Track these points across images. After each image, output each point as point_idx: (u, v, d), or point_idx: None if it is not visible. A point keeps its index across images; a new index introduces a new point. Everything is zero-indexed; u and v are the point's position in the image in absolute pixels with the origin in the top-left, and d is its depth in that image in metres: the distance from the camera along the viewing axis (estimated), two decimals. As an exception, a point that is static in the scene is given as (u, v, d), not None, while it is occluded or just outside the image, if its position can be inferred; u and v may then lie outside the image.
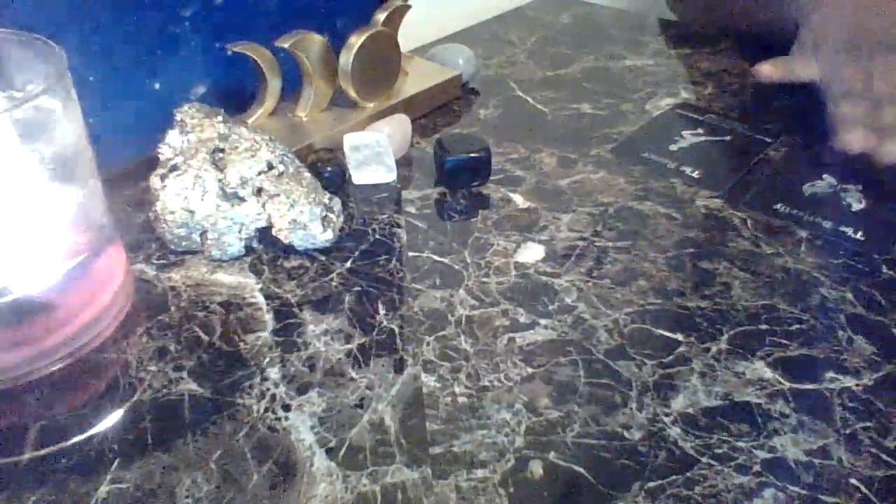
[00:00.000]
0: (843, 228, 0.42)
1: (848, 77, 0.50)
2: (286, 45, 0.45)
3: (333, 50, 0.48)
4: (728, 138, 0.52)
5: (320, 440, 0.29)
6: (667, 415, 0.31)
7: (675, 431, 0.30)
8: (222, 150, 0.39)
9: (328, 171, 0.44)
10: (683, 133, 0.52)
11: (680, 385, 0.32)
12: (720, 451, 0.29)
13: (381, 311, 0.36)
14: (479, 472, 0.28)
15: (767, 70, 0.54)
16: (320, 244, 0.40)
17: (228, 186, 0.38)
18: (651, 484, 0.28)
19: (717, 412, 0.31)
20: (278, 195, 0.38)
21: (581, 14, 0.75)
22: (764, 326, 0.35)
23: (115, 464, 0.28)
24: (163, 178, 0.38)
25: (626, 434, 0.30)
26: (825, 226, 0.42)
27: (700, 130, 0.53)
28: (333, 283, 0.38)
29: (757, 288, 0.38)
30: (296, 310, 0.36)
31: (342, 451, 0.29)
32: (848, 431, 0.30)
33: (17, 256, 0.31)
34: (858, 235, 0.41)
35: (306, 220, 0.38)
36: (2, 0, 0.38)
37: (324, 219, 0.39)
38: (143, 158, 0.42)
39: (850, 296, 0.37)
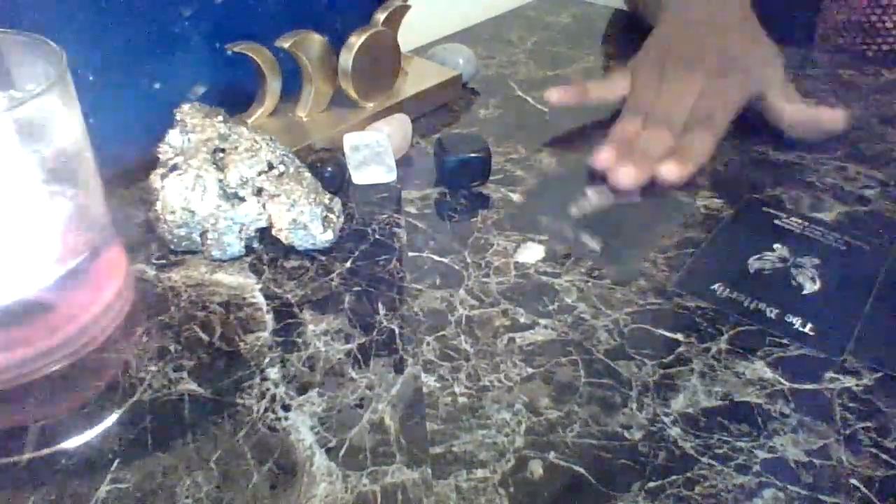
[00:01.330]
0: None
1: (642, 89, 0.50)
2: (286, 45, 0.45)
3: (333, 50, 0.48)
4: None
5: (320, 440, 0.29)
6: (667, 415, 0.31)
7: (675, 431, 0.30)
8: (222, 150, 0.39)
9: (328, 171, 0.44)
10: None
11: (680, 385, 0.32)
12: (720, 451, 0.29)
13: (381, 311, 0.36)
14: (479, 472, 0.28)
15: (558, 93, 0.51)
16: (320, 244, 0.40)
17: (229, 186, 0.38)
18: (651, 484, 0.28)
19: (717, 412, 0.31)
20: (278, 195, 0.38)
21: (581, 14, 0.75)
22: (762, 326, 0.35)
23: (115, 464, 0.28)
24: (163, 178, 0.38)
25: (626, 434, 0.30)
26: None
27: None
28: (333, 283, 0.38)
29: (757, 288, 0.38)
30: (296, 310, 0.36)
31: (342, 451, 0.29)
32: (848, 431, 0.30)
33: (17, 256, 0.31)
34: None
35: (306, 220, 0.38)
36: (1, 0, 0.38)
37: (324, 219, 0.39)
38: (143, 158, 0.42)
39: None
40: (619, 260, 0.39)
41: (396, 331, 0.35)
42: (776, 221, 0.42)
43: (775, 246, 0.40)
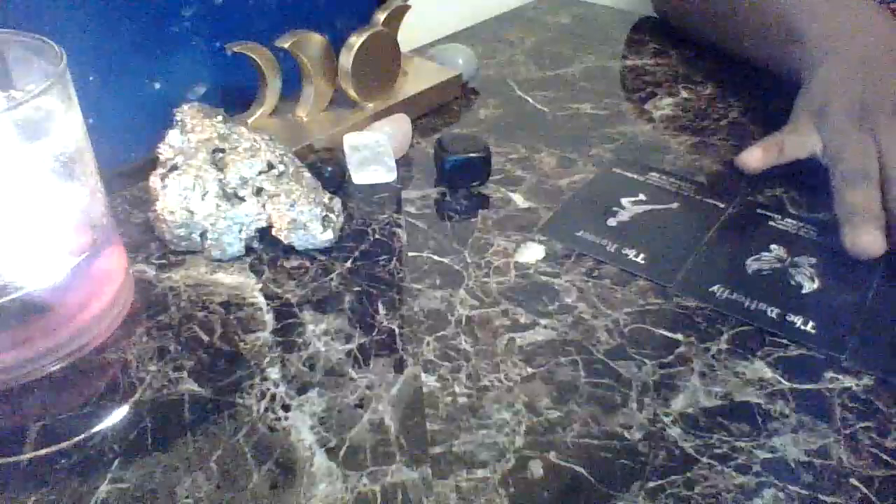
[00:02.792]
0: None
1: (857, 148, 0.41)
2: (286, 45, 0.45)
3: (333, 50, 0.48)
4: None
5: (320, 440, 0.29)
6: (667, 415, 0.31)
7: (675, 431, 0.30)
8: (222, 150, 0.39)
9: (328, 171, 0.44)
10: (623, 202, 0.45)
11: (680, 385, 0.32)
12: (720, 451, 0.29)
13: (381, 311, 0.36)
14: (479, 472, 0.28)
15: (756, 157, 0.46)
16: (320, 244, 0.40)
17: (228, 186, 0.38)
18: (651, 484, 0.28)
19: (717, 412, 0.31)
20: (278, 195, 0.38)
21: (581, 14, 0.75)
22: (764, 325, 0.35)
23: (115, 464, 0.28)
24: (163, 178, 0.38)
25: (626, 434, 0.30)
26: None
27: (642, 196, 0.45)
28: (333, 283, 0.38)
29: (757, 288, 0.38)
30: (296, 310, 0.36)
31: (342, 451, 0.29)
32: (848, 431, 0.30)
33: (17, 256, 0.31)
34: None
35: (306, 220, 0.38)
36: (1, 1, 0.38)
37: (324, 219, 0.39)
38: (143, 158, 0.42)
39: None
40: (665, 269, 0.39)
41: (396, 331, 0.35)
42: (771, 223, 0.42)
43: (772, 246, 0.40)
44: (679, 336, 0.35)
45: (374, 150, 0.45)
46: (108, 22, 0.43)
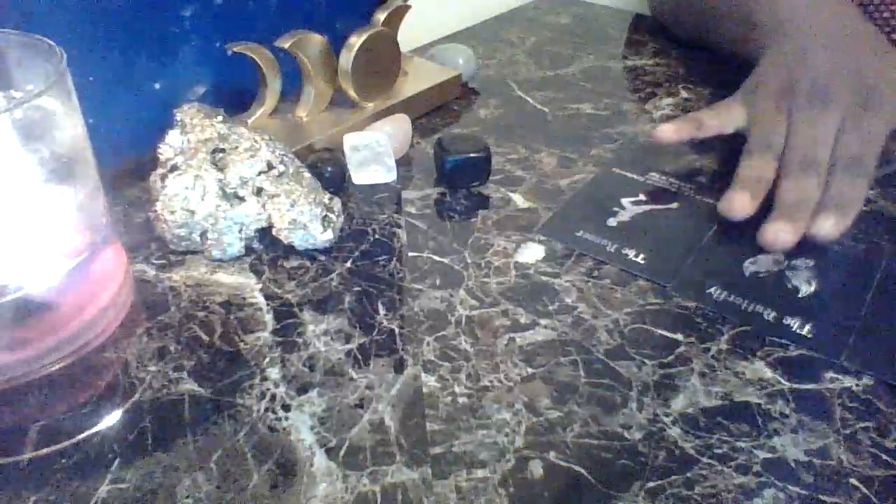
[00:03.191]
0: None
1: (768, 122, 0.43)
2: (286, 45, 0.45)
3: (333, 50, 0.48)
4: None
5: (320, 440, 0.29)
6: (667, 415, 0.31)
7: (675, 431, 0.30)
8: (222, 150, 0.39)
9: (328, 171, 0.44)
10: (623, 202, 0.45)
11: (680, 385, 0.32)
12: (720, 451, 0.29)
13: (381, 311, 0.36)
14: (479, 472, 0.28)
15: (670, 130, 0.46)
16: (320, 244, 0.40)
17: (228, 186, 0.38)
18: (651, 484, 0.28)
19: (717, 412, 0.31)
20: (278, 195, 0.38)
21: (581, 14, 0.75)
22: (761, 328, 0.35)
23: (115, 464, 0.28)
24: (163, 178, 0.38)
25: (626, 434, 0.30)
26: None
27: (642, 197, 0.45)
28: (333, 283, 0.38)
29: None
30: (296, 310, 0.36)
31: (342, 451, 0.29)
32: (848, 431, 0.30)
33: (17, 256, 0.31)
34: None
35: (306, 220, 0.38)
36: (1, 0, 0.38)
37: (324, 219, 0.39)
38: (143, 158, 0.42)
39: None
40: (665, 269, 0.39)
41: (396, 331, 0.35)
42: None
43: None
44: (679, 336, 0.35)
45: (374, 150, 0.45)
46: (108, 22, 0.43)
